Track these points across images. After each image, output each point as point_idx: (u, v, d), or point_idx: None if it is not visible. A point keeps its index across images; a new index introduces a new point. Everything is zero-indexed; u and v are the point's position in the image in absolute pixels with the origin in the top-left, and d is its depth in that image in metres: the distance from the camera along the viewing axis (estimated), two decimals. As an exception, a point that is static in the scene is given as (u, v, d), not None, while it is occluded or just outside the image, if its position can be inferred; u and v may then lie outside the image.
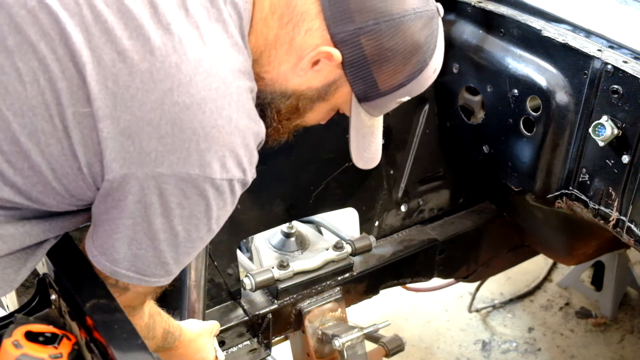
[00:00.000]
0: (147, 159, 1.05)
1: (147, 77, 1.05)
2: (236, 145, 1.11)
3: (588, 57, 1.64)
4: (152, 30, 1.07)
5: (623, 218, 1.65)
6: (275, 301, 1.96)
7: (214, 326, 1.65)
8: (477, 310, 3.12)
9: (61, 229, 1.19)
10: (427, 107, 2.12)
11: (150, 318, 1.38)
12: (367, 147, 1.39)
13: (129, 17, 1.07)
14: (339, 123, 1.97)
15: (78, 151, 1.06)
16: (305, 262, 2.00)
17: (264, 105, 1.27)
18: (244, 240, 2.18)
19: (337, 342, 1.94)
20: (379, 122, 1.38)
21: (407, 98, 1.30)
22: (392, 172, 2.16)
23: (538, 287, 3.24)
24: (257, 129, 1.16)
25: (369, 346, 2.08)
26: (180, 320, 1.80)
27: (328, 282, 2.03)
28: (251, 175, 1.16)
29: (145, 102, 1.05)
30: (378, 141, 1.41)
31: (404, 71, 1.23)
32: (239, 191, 1.15)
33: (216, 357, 1.63)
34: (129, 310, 1.23)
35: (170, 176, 1.06)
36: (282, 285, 1.94)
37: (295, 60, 1.22)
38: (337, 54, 1.19)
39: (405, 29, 1.19)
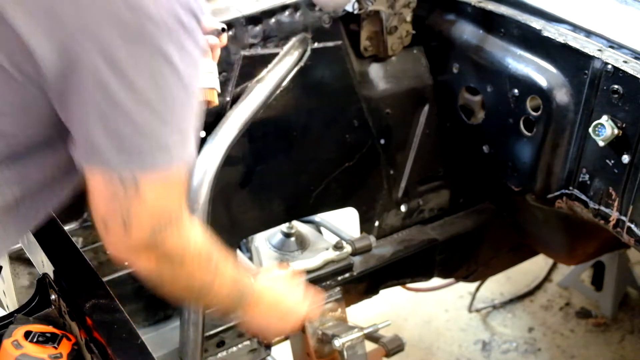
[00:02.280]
0: (63, 16, 0.95)
1: None
2: None
3: (588, 57, 1.64)
4: None
5: (623, 218, 1.65)
6: (275, 301, 1.96)
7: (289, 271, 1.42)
8: (477, 310, 3.12)
9: (36, 181, 1.10)
10: (427, 107, 2.12)
11: (208, 253, 1.15)
12: None
13: None
14: (339, 123, 1.98)
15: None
16: (305, 262, 2.00)
17: None
18: (244, 240, 2.18)
19: (337, 342, 1.94)
20: None
21: None
22: (392, 172, 2.16)
23: (538, 287, 3.24)
24: None
25: (369, 346, 2.08)
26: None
27: (328, 282, 2.03)
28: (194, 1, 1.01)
29: None
30: None
31: None
32: (189, 21, 1.00)
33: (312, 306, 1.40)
34: (168, 231, 1.04)
35: (96, 24, 0.94)
36: (282, 285, 1.94)
37: None
38: None
39: None
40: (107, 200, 1.04)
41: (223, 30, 1.38)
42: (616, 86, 1.58)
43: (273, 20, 1.80)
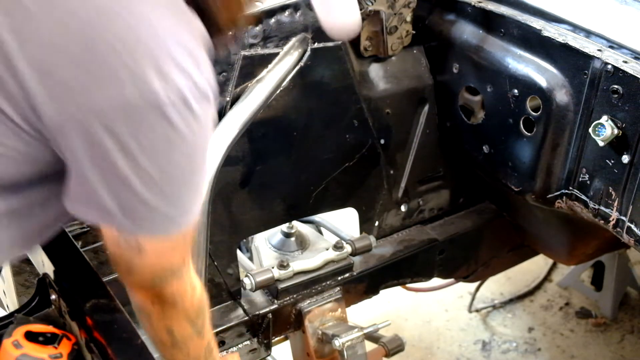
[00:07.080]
0: (74, 92, 0.94)
1: None
2: (169, 47, 0.95)
3: (588, 57, 1.64)
4: None
5: (623, 218, 1.65)
6: (275, 301, 1.96)
7: None
8: (477, 310, 3.12)
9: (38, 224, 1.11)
10: (427, 107, 2.12)
11: (200, 310, 1.21)
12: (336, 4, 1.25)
13: None
14: (339, 122, 1.98)
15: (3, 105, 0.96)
16: (305, 262, 2.00)
17: None
18: (244, 240, 2.18)
19: (337, 342, 1.94)
20: None
21: None
22: (392, 172, 2.16)
23: (538, 287, 3.24)
24: (187, 25, 1.01)
25: (369, 346, 2.08)
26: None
27: (328, 282, 2.03)
28: (205, 80, 1.01)
29: (47, 26, 0.93)
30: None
31: None
32: (197, 103, 0.99)
33: None
34: (167, 279, 1.12)
35: (108, 107, 0.94)
36: (282, 285, 1.94)
37: None
38: None
39: None
40: (114, 245, 1.09)
41: None
42: (616, 86, 1.58)
43: (273, 20, 1.80)
